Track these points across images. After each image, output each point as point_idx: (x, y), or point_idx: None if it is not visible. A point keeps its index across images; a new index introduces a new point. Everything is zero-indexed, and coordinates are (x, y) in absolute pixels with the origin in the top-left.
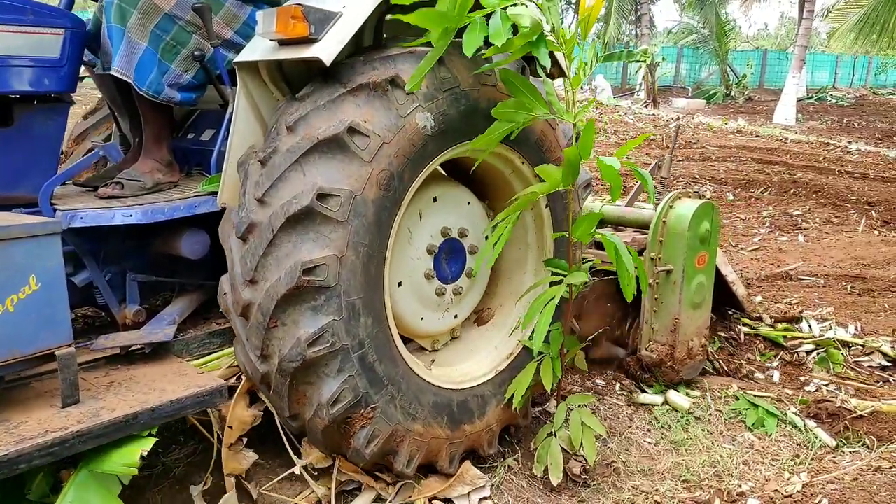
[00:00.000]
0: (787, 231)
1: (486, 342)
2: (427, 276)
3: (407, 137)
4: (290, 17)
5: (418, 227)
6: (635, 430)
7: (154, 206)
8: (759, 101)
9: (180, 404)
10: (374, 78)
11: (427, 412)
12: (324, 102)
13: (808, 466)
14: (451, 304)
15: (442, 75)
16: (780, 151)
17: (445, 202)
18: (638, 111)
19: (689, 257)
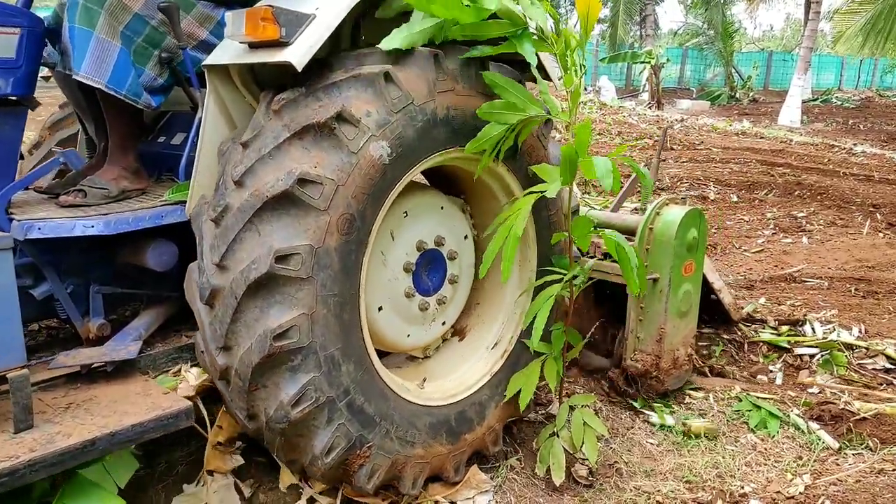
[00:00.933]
0: (792, 233)
1: (479, 343)
2: (408, 295)
3: (363, 174)
4: (259, 18)
5: (391, 247)
6: (637, 430)
7: (117, 217)
8: (764, 102)
9: (142, 428)
10: (319, 117)
11: (425, 435)
12: (269, 151)
13: (810, 468)
14: (437, 313)
15: (391, 95)
16: (785, 153)
17: (417, 214)
18: (642, 112)
19: (676, 265)
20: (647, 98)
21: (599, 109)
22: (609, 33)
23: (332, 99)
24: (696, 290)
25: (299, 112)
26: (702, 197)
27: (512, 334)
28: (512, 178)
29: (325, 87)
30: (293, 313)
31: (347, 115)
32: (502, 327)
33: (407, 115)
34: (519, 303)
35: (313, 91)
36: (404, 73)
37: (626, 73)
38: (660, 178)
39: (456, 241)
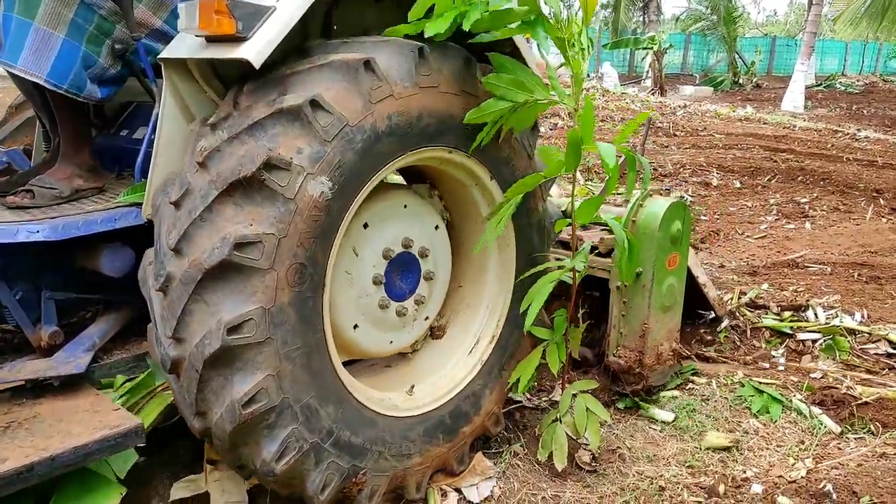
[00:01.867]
0: (794, 219)
1: (465, 335)
2: (382, 306)
3: (306, 217)
4: (213, 11)
5: (356, 264)
6: (640, 416)
7: (66, 220)
8: (767, 88)
9: (86, 450)
10: (245, 171)
11: (421, 443)
12: (200, 213)
13: (812, 452)
14: (417, 313)
15: (322, 124)
16: (788, 139)
17: (378, 221)
18: (645, 98)
19: (660, 259)
20: (650, 84)
21: (602, 96)
22: (612, 19)
23: (258, 142)
24: (680, 283)
25: (224, 164)
26: (704, 183)
27: (499, 318)
28: (483, 170)
29: (250, 128)
30: (257, 377)
31: (276, 160)
32: (487, 311)
33: (343, 139)
34: (503, 288)
35: (237, 133)
36: (333, 93)
37: (628, 59)
38: (662, 164)
39: (426, 237)
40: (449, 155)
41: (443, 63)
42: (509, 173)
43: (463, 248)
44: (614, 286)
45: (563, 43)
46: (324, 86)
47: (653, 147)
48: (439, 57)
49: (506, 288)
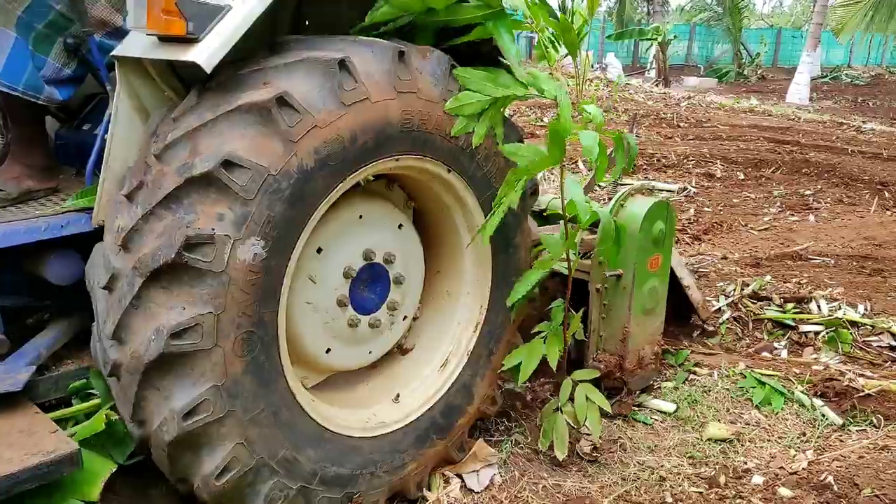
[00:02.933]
0: (798, 211)
1: (447, 324)
2: (352, 325)
3: (241, 286)
4: (161, 10)
5: (316, 292)
6: (642, 406)
7: (8, 227)
8: (772, 79)
9: (14, 479)
10: (166, 256)
11: (414, 450)
12: (130, 301)
13: (814, 444)
14: (394, 317)
15: (240, 182)
16: (793, 131)
17: (333, 242)
18: (649, 90)
19: (641, 260)
20: (654, 75)
21: (606, 87)
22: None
23: (176, 218)
24: (663, 285)
25: (145, 247)
26: (708, 174)
27: (481, 304)
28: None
29: (164, 201)
30: (226, 449)
31: (196, 238)
32: (469, 297)
33: (267, 190)
34: (482, 273)
35: (153, 210)
36: (246, 144)
37: (633, 50)
38: (666, 154)
39: (390, 240)
40: (397, 162)
41: (373, 67)
42: (469, 164)
43: (435, 233)
44: (594, 288)
45: (573, 39)
46: (236, 135)
47: (657, 138)
48: (365, 64)
49: (484, 273)
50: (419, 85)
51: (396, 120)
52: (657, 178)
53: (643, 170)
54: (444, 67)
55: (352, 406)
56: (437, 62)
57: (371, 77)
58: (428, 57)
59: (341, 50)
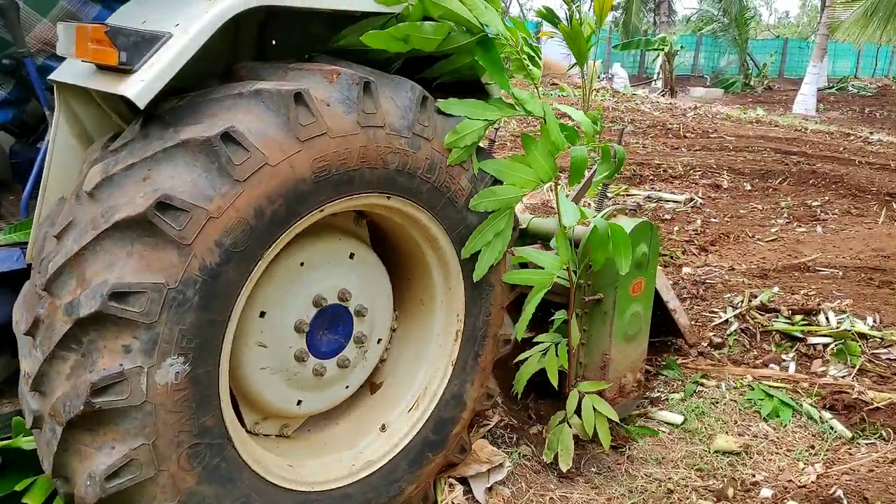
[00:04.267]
0: (806, 222)
1: (427, 338)
2: (318, 373)
3: (170, 408)
4: (90, 39)
5: (270, 354)
6: (648, 418)
7: None
8: (778, 90)
9: None
10: (76, 408)
11: (410, 474)
12: (58, 445)
13: (823, 457)
14: (364, 349)
15: (138, 309)
16: (800, 141)
17: (275, 303)
18: (655, 100)
19: (623, 285)
20: (661, 86)
21: (612, 97)
22: (622, 20)
23: (79, 359)
24: (646, 310)
25: (55, 391)
26: (715, 185)
27: (457, 314)
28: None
29: (62, 343)
30: None
31: (103, 380)
32: (443, 307)
33: (173, 306)
34: (451, 281)
35: (54, 353)
36: (135, 264)
37: (639, 60)
38: (672, 165)
39: (341, 275)
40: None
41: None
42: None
43: (397, 245)
44: (573, 313)
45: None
46: (121, 260)
47: (663, 149)
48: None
49: (456, 282)
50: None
51: (308, 173)
52: (663, 189)
53: (650, 180)
54: (355, 91)
55: (336, 449)
56: (347, 86)
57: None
58: (335, 80)
59: (294, 90)
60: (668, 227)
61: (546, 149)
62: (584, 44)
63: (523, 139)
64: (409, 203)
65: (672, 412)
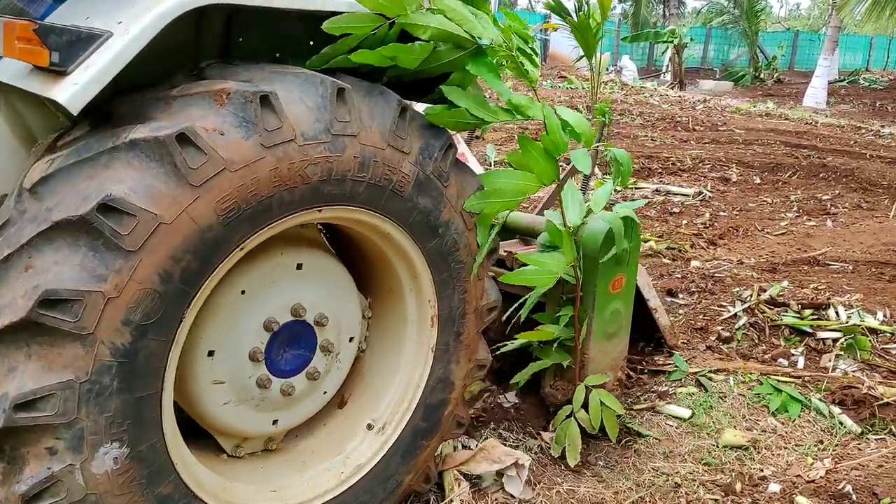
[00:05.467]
0: (816, 216)
1: (402, 330)
2: (287, 393)
3: (115, 495)
4: (17, 37)
5: (229, 388)
6: (656, 412)
7: None
8: (788, 83)
9: None
10: None
11: (404, 468)
12: None
13: (832, 452)
14: (336, 358)
15: (51, 413)
16: (810, 135)
17: (222, 340)
18: (664, 93)
19: (603, 282)
20: (670, 78)
21: (621, 90)
22: (632, 12)
23: (10, 470)
24: (626, 307)
25: None
26: (724, 178)
27: (429, 300)
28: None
29: None
30: None
31: (35, 489)
32: (413, 296)
33: (91, 398)
34: (417, 269)
35: None
36: (36, 367)
37: (648, 53)
38: (681, 158)
39: (293, 291)
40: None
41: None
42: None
43: (358, 241)
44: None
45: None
46: (43, 359)
47: (672, 142)
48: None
49: (420, 267)
50: None
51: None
52: (672, 182)
53: (658, 173)
54: (252, 109)
55: (323, 457)
56: (241, 105)
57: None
58: (226, 102)
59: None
60: (676, 221)
61: (547, 150)
62: (592, 36)
63: (520, 140)
64: (345, 209)
65: (680, 406)
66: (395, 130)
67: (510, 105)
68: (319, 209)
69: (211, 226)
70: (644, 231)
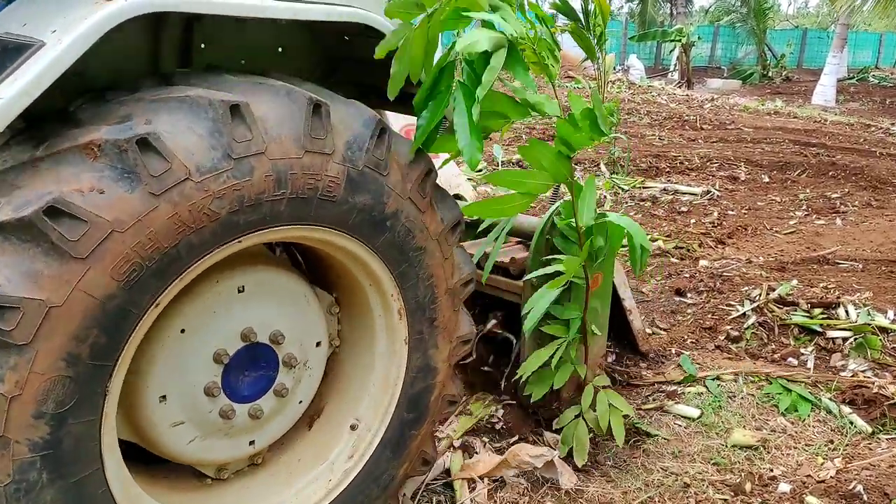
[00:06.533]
0: (825, 214)
1: (371, 328)
2: (255, 416)
3: None
4: None
5: (190, 427)
6: (665, 412)
7: None
8: (797, 81)
9: None
10: None
11: (395, 459)
12: None
13: (842, 452)
14: (305, 367)
15: None
16: (819, 133)
17: (171, 382)
18: (671, 92)
19: None
20: (677, 77)
21: (628, 89)
22: (639, 11)
23: None
24: (603, 307)
25: None
26: (732, 177)
27: (391, 294)
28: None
29: None
30: None
31: None
32: (375, 292)
33: (21, 496)
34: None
35: None
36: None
37: (655, 52)
38: (688, 157)
39: (239, 317)
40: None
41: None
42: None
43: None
44: (526, 311)
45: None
46: None
47: (679, 140)
48: None
49: (375, 264)
50: None
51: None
52: (680, 181)
53: (666, 173)
54: (132, 157)
55: (308, 466)
56: (117, 155)
57: None
58: (98, 155)
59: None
60: (684, 220)
61: (560, 150)
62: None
63: (531, 143)
64: (269, 232)
65: (688, 406)
66: (311, 133)
67: (525, 102)
68: (239, 240)
69: (112, 294)
70: (652, 230)
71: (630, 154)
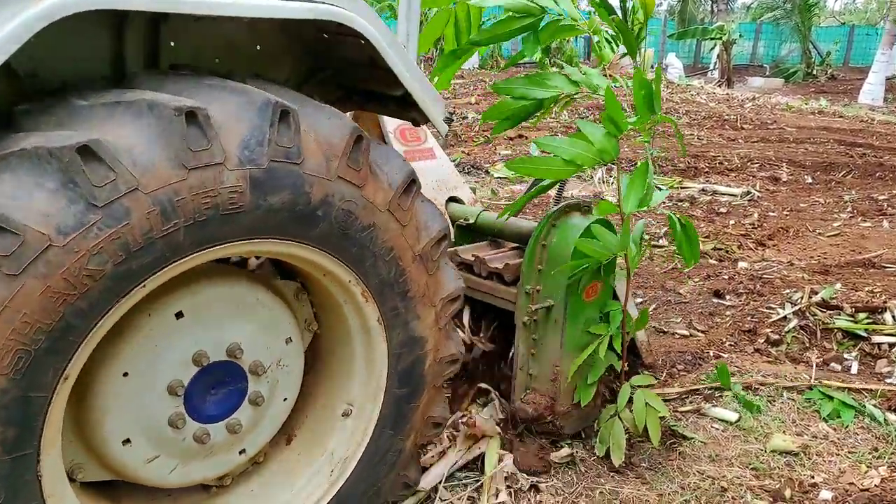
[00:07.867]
0: (871, 216)
1: (342, 314)
2: (233, 430)
3: None
4: None
5: (169, 457)
6: (702, 415)
7: None
8: (843, 79)
9: None
10: None
11: (401, 434)
12: None
13: (887, 461)
14: (279, 368)
15: None
16: (866, 133)
17: (131, 421)
18: (711, 90)
19: (576, 289)
20: (717, 76)
21: (666, 87)
22: (679, 8)
23: None
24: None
25: None
26: (773, 178)
27: (349, 279)
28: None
29: None
30: None
31: None
32: (337, 286)
33: None
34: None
35: None
36: None
37: (695, 50)
38: (728, 157)
39: (190, 341)
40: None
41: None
42: None
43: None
44: (521, 321)
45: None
46: None
47: (719, 140)
48: None
49: (328, 262)
50: None
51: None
52: (719, 182)
53: (704, 173)
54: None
55: (307, 461)
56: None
57: None
58: None
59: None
60: (723, 221)
61: (609, 129)
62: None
63: (579, 124)
64: (176, 265)
65: (726, 409)
66: (189, 146)
67: (578, 73)
68: (142, 285)
69: (3, 389)
70: None
71: (671, 153)
